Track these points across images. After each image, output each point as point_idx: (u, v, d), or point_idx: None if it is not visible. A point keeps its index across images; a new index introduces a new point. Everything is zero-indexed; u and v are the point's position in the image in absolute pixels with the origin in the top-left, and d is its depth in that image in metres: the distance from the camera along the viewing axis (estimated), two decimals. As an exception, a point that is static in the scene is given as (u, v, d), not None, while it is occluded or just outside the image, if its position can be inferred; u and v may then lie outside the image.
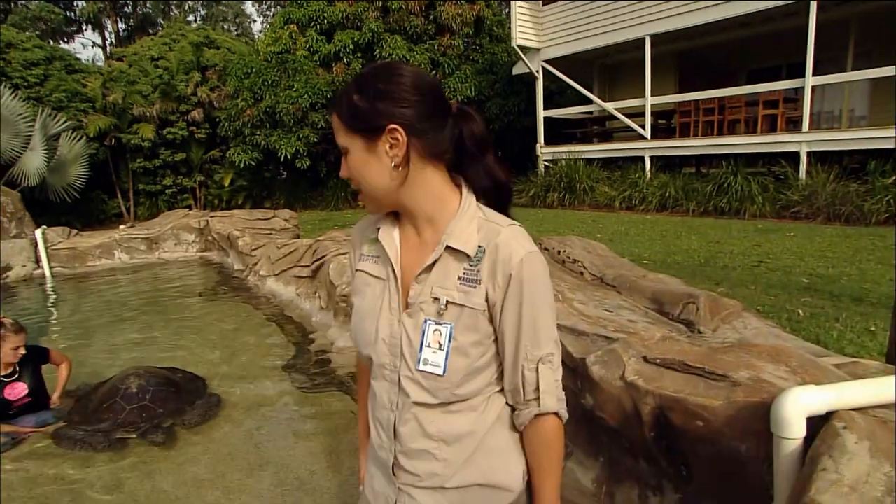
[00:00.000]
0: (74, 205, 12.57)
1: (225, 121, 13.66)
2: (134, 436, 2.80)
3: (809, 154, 8.67)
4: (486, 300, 0.89)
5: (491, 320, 0.91)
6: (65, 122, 12.19)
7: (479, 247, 0.89)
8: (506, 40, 14.23)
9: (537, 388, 0.91)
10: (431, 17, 13.65)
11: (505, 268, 0.87)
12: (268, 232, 7.43)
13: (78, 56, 15.26)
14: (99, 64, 19.07)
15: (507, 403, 0.97)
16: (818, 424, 1.14)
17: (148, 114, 13.66)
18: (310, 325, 4.53)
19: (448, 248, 0.90)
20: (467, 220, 0.91)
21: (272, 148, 13.01)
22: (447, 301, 0.89)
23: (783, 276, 4.82)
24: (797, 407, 1.11)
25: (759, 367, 1.37)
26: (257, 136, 13.08)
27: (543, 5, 12.37)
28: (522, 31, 12.22)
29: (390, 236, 0.97)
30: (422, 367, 0.90)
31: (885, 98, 9.98)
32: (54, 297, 6.34)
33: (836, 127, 10.72)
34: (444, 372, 0.89)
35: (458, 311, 0.89)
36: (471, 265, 0.89)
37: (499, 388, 0.96)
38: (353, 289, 1.03)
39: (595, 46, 11.61)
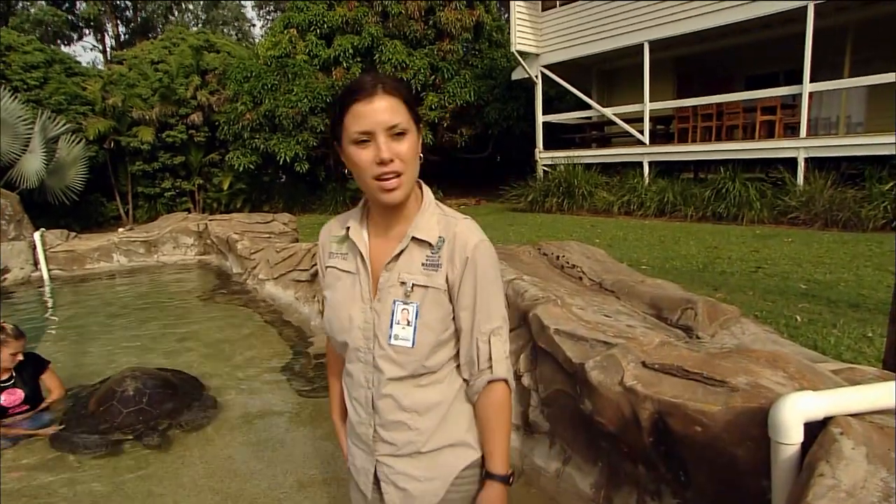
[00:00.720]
0: (73, 207, 12.56)
1: (224, 124, 13.68)
2: (131, 438, 2.79)
3: (807, 160, 8.71)
4: (447, 281, 1.03)
5: (451, 300, 1.04)
6: (64, 124, 12.20)
7: (440, 237, 1.04)
8: (505, 45, 14.29)
9: (490, 358, 1.04)
10: (431, 22, 13.71)
11: (462, 253, 1.02)
12: (267, 235, 7.43)
13: (78, 59, 15.29)
14: (99, 67, 19.10)
15: (462, 379, 1.09)
16: (816, 430, 1.15)
17: (147, 117, 13.67)
18: (308, 328, 4.53)
19: (413, 238, 1.03)
20: (429, 214, 1.06)
21: (271, 152, 13.03)
22: (413, 284, 1.02)
23: (781, 282, 4.84)
24: (795, 412, 1.11)
25: (757, 373, 1.38)
26: (256, 140, 13.10)
27: (542, 11, 12.43)
28: (521, 36, 12.28)
29: (360, 234, 1.09)
30: (392, 341, 1.02)
31: (883, 105, 10.04)
32: (52, 299, 6.33)
33: (834, 133, 10.77)
34: (414, 344, 1.01)
35: (423, 291, 1.02)
36: (432, 252, 1.03)
37: (458, 362, 1.09)
38: (325, 284, 1.15)
39: (594, 52, 11.67)
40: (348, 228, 1.10)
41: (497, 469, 1.06)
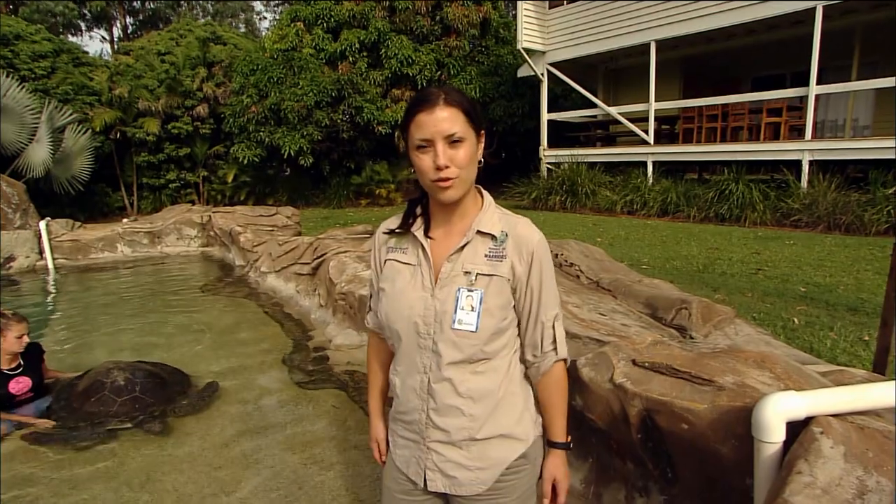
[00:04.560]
0: (78, 197, 12.63)
1: (230, 117, 13.71)
2: (129, 426, 2.83)
3: (812, 163, 8.68)
4: (512, 271, 1.12)
5: (513, 290, 1.13)
6: (71, 114, 12.26)
7: (503, 231, 1.14)
8: (511, 42, 14.26)
9: (554, 340, 1.16)
10: (438, 17, 13.69)
11: (527, 247, 1.12)
12: (270, 228, 7.47)
13: (86, 50, 15.35)
14: (106, 58, 19.16)
15: (522, 360, 1.19)
16: (799, 429, 1.17)
17: (153, 108, 13.72)
18: (309, 322, 4.57)
19: (478, 232, 1.13)
20: (491, 212, 1.16)
21: (276, 145, 13.06)
22: (477, 273, 1.11)
23: (780, 284, 4.85)
24: (777, 412, 1.14)
25: (744, 373, 1.40)
26: (261, 133, 13.13)
27: (549, 8, 12.41)
28: (528, 33, 12.25)
29: (420, 230, 1.17)
30: (456, 326, 1.09)
31: (889, 108, 9.98)
32: (56, 288, 6.39)
33: (840, 136, 10.73)
34: (477, 329, 1.09)
35: (487, 280, 1.11)
36: (495, 245, 1.13)
37: (513, 352, 1.17)
38: (382, 277, 1.22)
39: (600, 50, 11.65)
40: (410, 225, 1.18)
41: (559, 437, 1.20)
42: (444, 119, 1.03)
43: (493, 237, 1.13)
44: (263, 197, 14.97)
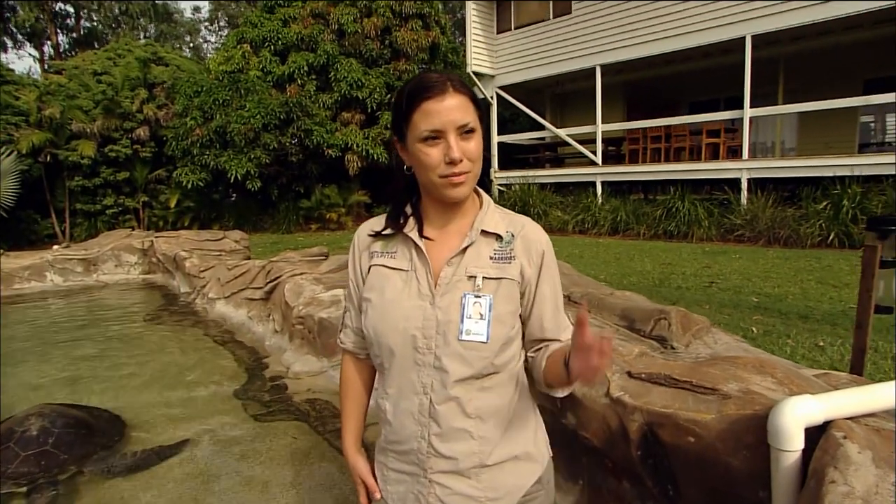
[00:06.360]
0: (1, 224, 11.69)
1: (172, 140, 13.15)
2: (24, 489, 2.33)
3: (749, 181, 9.16)
4: (521, 274, 1.01)
5: (522, 294, 1.02)
6: (-7, 136, 11.42)
7: (508, 232, 1.03)
8: (460, 66, 14.49)
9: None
10: (387, 41, 13.76)
11: (537, 247, 1.03)
12: (217, 253, 7.10)
13: (11, 67, 14.42)
14: (35, 77, 18.07)
15: (531, 354, 1.06)
16: (813, 436, 1.12)
17: (89, 130, 12.97)
18: (263, 349, 4.30)
19: (482, 231, 1.02)
20: (492, 212, 1.06)
21: (222, 168, 12.59)
22: (483, 277, 0.99)
23: (734, 296, 4.99)
24: (795, 417, 1.08)
25: (746, 379, 1.35)
26: (206, 157, 12.64)
27: (498, 33, 12.72)
28: (477, 57, 12.50)
29: (414, 231, 1.04)
30: (464, 337, 0.96)
31: (811, 131, 10.76)
32: (-25, 323, 5.78)
33: (771, 156, 11.42)
34: (488, 339, 0.96)
35: (496, 284, 0.99)
36: (500, 246, 1.02)
37: (520, 362, 1.06)
38: (367, 286, 1.06)
39: (548, 74, 12.00)
40: (402, 225, 1.04)
41: None
42: (455, 108, 0.93)
43: (498, 237, 1.02)
44: (209, 223, 14.35)
